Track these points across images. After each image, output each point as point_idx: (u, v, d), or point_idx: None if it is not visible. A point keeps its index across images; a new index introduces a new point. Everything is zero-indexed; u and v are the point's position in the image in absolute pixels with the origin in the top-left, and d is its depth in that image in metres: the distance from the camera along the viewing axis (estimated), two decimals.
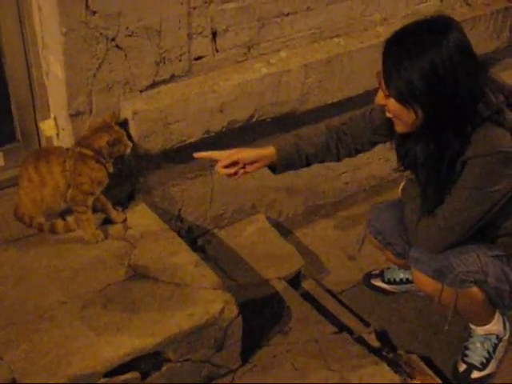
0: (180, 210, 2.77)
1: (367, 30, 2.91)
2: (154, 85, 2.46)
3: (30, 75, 2.48)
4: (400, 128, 2.08)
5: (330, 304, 2.75)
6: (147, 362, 2.08)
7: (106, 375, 1.99)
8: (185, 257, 2.34)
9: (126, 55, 2.35)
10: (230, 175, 2.19)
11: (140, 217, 2.52)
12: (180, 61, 2.48)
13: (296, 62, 2.70)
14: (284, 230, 3.15)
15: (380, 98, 2.04)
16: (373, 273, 2.89)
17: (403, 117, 2.02)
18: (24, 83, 2.50)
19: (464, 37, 1.97)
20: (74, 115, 2.34)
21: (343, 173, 3.24)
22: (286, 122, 2.83)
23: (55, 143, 2.56)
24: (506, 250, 2.25)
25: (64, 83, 2.28)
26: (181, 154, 2.62)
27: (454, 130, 2.00)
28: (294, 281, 2.81)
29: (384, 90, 2.01)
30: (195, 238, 2.86)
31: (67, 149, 2.37)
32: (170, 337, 2.07)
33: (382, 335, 2.64)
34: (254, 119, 2.67)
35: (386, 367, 2.31)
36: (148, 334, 2.06)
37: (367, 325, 2.66)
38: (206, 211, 2.85)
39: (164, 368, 2.11)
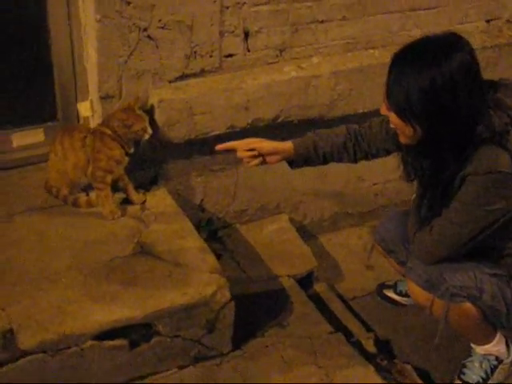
0: (202, 200, 2.88)
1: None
2: (183, 77, 2.60)
3: (74, 58, 2.66)
4: (403, 139, 2.12)
5: (337, 307, 2.80)
6: (137, 332, 2.19)
7: (94, 338, 2.11)
8: (191, 241, 2.45)
9: (157, 46, 2.49)
10: (249, 161, 2.28)
11: (159, 201, 2.65)
12: (211, 56, 2.61)
13: (327, 68, 2.78)
14: (307, 234, 3.22)
15: (383, 110, 2.09)
16: (386, 283, 2.91)
17: (403, 130, 2.06)
18: (67, 65, 2.68)
19: (471, 57, 1.98)
20: (104, 98, 2.50)
21: (374, 184, 3.27)
22: (314, 126, 2.89)
23: (91, 124, 2.73)
24: (508, 271, 2.24)
25: (96, 67, 2.44)
26: (206, 146, 2.74)
27: (452, 150, 2.03)
28: (306, 281, 2.87)
29: (386, 103, 2.06)
30: (216, 230, 2.96)
31: (93, 127, 2.53)
32: (161, 310, 2.18)
33: (384, 344, 2.68)
34: (280, 120, 2.76)
35: (372, 371, 2.33)
36: (140, 306, 2.17)
37: (370, 331, 2.69)
38: (228, 205, 2.96)
39: (153, 340, 2.22)
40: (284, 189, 3.04)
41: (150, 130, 2.47)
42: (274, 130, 2.81)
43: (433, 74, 1.93)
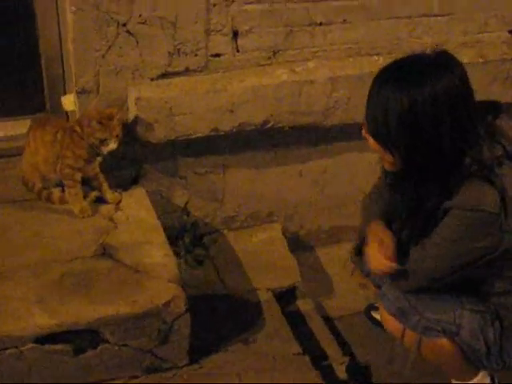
0: (186, 203, 2.78)
1: (414, 52, 2.76)
2: (166, 75, 2.51)
3: (62, 49, 2.60)
4: (385, 165, 1.95)
5: (317, 327, 2.65)
6: (82, 338, 2.11)
7: (36, 341, 2.04)
8: (157, 247, 2.35)
9: (137, 42, 2.41)
10: None
11: (134, 202, 2.57)
12: (196, 55, 2.51)
13: (323, 73, 2.64)
14: (303, 245, 3.09)
15: (363, 131, 1.92)
16: (375, 304, 2.74)
17: (383, 156, 1.90)
18: (55, 56, 2.64)
19: (460, 81, 1.80)
20: (80, 92, 2.43)
21: None
22: (309, 134, 2.76)
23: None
24: (496, 310, 2.05)
25: (72, 60, 2.37)
26: (190, 148, 2.64)
27: (435, 181, 1.85)
28: (289, 296, 2.73)
29: (365, 126, 1.90)
30: (201, 235, 2.86)
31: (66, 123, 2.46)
32: (106, 318, 2.09)
33: (363, 369, 2.52)
34: (270, 125, 2.63)
35: None
36: (86, 311, 2.09)
37: (349, 355, 2.54)
38: (215, 210, 2.85)
39: (100, 348, 2.13)
40: (276, 198, 2.91)
41: (111, 146, 2.36)
42: (264, 135, 2.70)
43: (413, 97, 1.75)
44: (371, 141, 1.88)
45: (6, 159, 2.73)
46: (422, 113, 1.75)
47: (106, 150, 2.36)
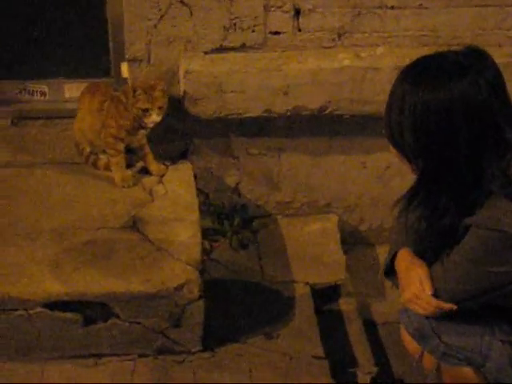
0: (238, 184, 2.69)
1: (501, 45, 2.50)
2: (221, 49, 2.41)
3: None
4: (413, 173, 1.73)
5: (354, 330, 2.49)
6: (93, 309, 2.09)
7: (45, 306, 2.05)
8: (186, 227, 2.29)
9: (191, 13, 2.33)
10: None
11: (178, 177, 2.52)
12: (253, 31, 2.39)
13: (390, 61, 2.43)
14: (363, 240, 2.92)
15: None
16: None
17: (404, 164, 1.70)
18: (121, 22, 2.59)
19: (488, 84, 1.56)
20: (132, 61, 2.39)
21: None
22: (374, 125, 2.57)
23: None
24: None
25: (124, 27, 2.32)
26: (244, 127, 2.54)
27: (450, 194, 1.64)
28: (332, 293, 2.59)
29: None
30: (252, 218, 2.76)
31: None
32: (115, 293, 2.06)
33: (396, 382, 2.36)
34: (328, 111, 2.47)
35: None
36: (97, 284, 2.07)
37: (382, 365, 2.38)
38: (269, 194, 2.74)
39: (110, 322, 2.11)
40: (336, 188, 2.75)
41: (154, 118, 2.30)
42: (323, 121, 2.54)
43: (426, 102, 1.55)
44: (391, 147, 1.70)
45: (69, 120, 2.74)
46: (436, 120, 1.54)
47: (148, 121, 2.31)
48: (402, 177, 2.69)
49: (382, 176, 2.74)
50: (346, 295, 2.62)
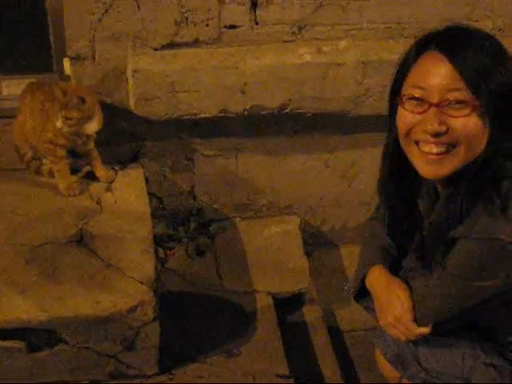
0: (193, 187, 2.52)
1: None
2: (172, 45, 2.22)
3: None
4: (446, 168, 1.49)
5: (320, 341, 2.36)
6: (38, 336, 1.91)
7: None
8: (138, 240, 2.11)
9: (138, 6, 2.13)
10: None
11: (128, 183, 2.34)
12: (207, 25, 2.21)
13: (354, 56, 2.28)
14: (325, 242, 2.78)
15: (439, 124, 1.45)
16: None
17: (478, 138, 1.46)
18: (62, 17, 2.38)
19: None
20: (75, 58, 2.19)
21: None
22: (337, 123, 2.43)
23: None
24: None
25: (65, 23, 2.12)
26: (198, 128, 2.37)
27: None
28: (295, 301, 2.45)
29: (468, 100, 1.43)
30: (209, 221, 2.60)
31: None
32: (63, 318, 1.89)
33: None
34: (288, 110, 2.31)
35: None
36: (42, 308, 1.89)
37: (351, 377, 2.26)
38: (226, 196, 2.58)
39: (57, 348, 1.94)
40: (297, 189, 2.60)
41: (92, 128, 2.14)
42: (284, 119, 2.38)
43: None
44: (473, 122, 1.43)
45: (8, 120, 2.53)
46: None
47: (83, 131, 2.13)
48: (367, 175, 2.58)
49: (346, 175, 2.61)
50: (310, 301, 2.50)
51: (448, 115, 1.44)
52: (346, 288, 1.82)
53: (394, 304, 1.63)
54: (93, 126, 2.13)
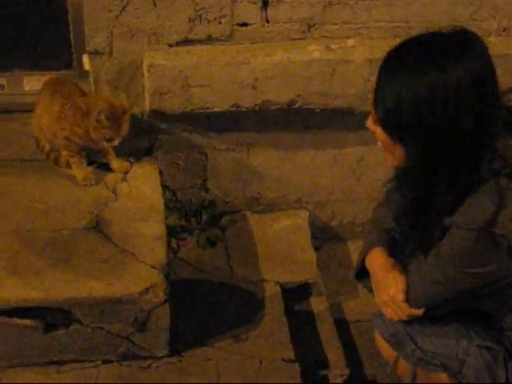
0: (205, 180, 2.61)
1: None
2: (186, 42, 2.31)
3: None
4: (388, 161, 1.68)
5: (325, 330, 2.43)
6: (54, 315, 2.00)
7: (2, 312, 1.95)
8: (151, 227, 2.20)
9: (155, 4, 2.23)
10: None
11: (143, 174, 2.43)
12: (220, 23, 2.30)
13: (362, 53, 2.36)
14: (334, 236, 2.85)
15: (369, 123, 1.66)
16: None
17: (392, 150, 1.63)
18: (82, 14, 2.47)
19: (487, 65, 1.53)
20: (93, 54, 2.29)
21: None
22: (345, 119, 2.51)
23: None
24: (510, 349, 1.78)
25: (85, 19, 2.22)
26: (211, 122, 2.45)
27: (446, 179, 1.58)
28: (302, 292, 2.53)
29: (373, 114, 1.64)
30: (221, 214, 2.68)
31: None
32: (78, 299, 1.98)
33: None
34: (297, 105, 2.39)
35: None
36: (57, 289, 1.98)
37: (356, 365, 2.33)
38: (237, 190, 2.66)
39: (72, 328, 2.02)
40: (307, 183, 2.68)
41: (114, 143, 2.24)
42: (294, 115, 2.46)
43: (433, 83, 1.49)
44: (378, 131, 1.61)
45: (32, 114, 2.63)
46: (443, 100, 1.48)
47: (107, 145, 2.25)
48: (374, 171, 2.65)
49: (354, 170, 2.68)
50: (317, 293, 2.56)
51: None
52: (351, 272, 1.90)
53: (389, 284, 1.71)
54: (117, 142, 2.24)
